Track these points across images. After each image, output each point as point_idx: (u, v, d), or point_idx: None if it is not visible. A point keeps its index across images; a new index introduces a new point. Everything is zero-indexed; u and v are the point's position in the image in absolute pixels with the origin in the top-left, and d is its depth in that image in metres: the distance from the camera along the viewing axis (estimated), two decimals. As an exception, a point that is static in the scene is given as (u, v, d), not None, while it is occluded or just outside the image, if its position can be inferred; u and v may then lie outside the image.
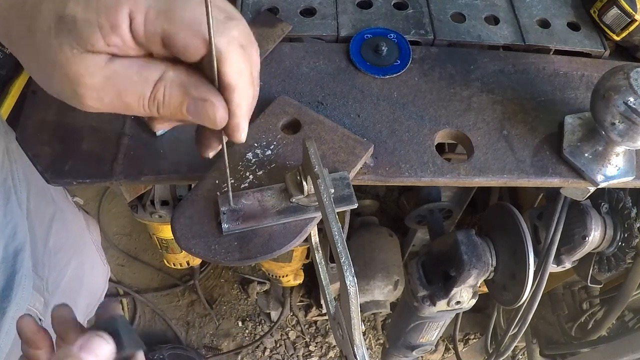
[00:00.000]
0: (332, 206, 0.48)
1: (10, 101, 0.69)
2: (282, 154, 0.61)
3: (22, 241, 0.63)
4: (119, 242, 1.94)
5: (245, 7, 0.77)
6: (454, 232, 0.94)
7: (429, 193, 1.21)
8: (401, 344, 1.21)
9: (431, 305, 0.99)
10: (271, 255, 0.55)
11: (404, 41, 0.75)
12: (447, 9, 0.81)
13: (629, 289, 0.96)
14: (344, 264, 0.44)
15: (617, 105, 0.58)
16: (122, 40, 0.37)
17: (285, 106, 0.65)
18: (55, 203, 0.74)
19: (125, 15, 0.36)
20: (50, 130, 0.65)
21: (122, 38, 0.37)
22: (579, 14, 0.83)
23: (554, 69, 0.76)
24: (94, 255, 0.87)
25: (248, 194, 0.57)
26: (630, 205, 0.87)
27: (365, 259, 1.34)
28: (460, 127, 0.70)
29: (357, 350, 0.52)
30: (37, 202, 0.68)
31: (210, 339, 1.86)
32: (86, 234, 0.85)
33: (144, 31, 0.37)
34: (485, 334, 1.35)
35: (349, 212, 1.07)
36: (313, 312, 1.91)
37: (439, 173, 0.66)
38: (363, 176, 0.64)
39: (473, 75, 0.74)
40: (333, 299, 0.61)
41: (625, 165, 0.68)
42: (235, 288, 1.94)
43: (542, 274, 0.90)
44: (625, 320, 1.15)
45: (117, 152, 0.64)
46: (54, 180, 0.63)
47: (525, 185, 0.69)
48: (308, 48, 0.75)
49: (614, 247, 0.90)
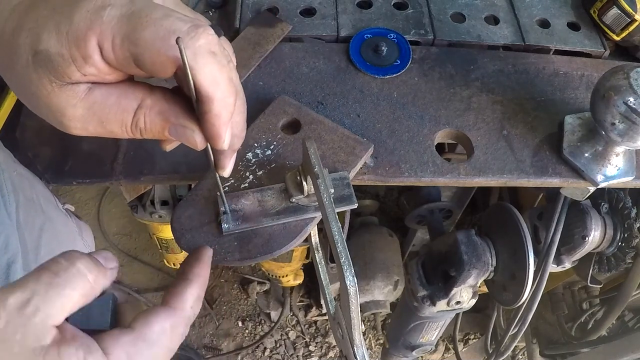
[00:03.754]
0: (332, 206, 0.48)
1: (10, 101, 0.69)
2: (282, 154, 0.61)
3: (14, 253, 0.62)
4: (119, 242, 1.94)
5: (245, 7, 0.77)
6: (454, 232, 0.94)
7: (429, 193, 1.21)
8: (401, 344, 1.21)
9: (431, 305, 0.99)
10: (271, 255, 0.55)
11: (404, 41, 0.75)
12: (447, 9, 0.81)
13: (629, 289, 0.96)
14: (344, 264, 0.44)
15: (617, 105, 0.58)
16: (97, 69, 0.38)
17: (285, 106, 0.65)
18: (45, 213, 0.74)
19: (95, 45, 0.37)
20: (50, 130, 0.65)
21: (96, 67, 0.38)
22: (579, 14, 0.83)
23: (554, 69, 0.76)
24: None
25: (248, 194, 0.57)
26: (630, 205, 0.87)
27: (365, 259, 1.34)
28: (460, 127, 0.70)
29: (357, 350, 0.52)
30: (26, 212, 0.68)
31: (210, 339, 1.86)
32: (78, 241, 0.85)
33: (115, 57, 0.38)
34: (485, 334, 1.35)
35: (349, 212, 1.07)
36: (313, 312, 1.91)
37: (438, 173, 0.66)
38: (363, 176, 0.64)
39: (473, 75, 0.74)
40: (333, 299, 0.61)
41: (625, 165, 0.68)
42: (235, 288, 1.94)
43: (542, 274, 0.90)
44: (625, 320, 1.15)
45: (117, 152, 0.64)
46: (54, 180, 0.63)
47: (525, 185, 0.69)
48: (308, 48, 0.75)
49: (614, 247, 0.90)
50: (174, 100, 0.42)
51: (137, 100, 0.41)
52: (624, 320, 1.15)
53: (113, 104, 0.40)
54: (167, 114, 0.41)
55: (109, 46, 0.37)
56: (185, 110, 0.41)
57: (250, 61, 0.71)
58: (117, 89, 0.40)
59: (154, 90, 0.42)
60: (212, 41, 0.39)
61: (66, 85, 0.38)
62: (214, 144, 0.43)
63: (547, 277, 0.91)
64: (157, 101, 0.41)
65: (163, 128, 0.42)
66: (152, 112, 0.41)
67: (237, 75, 0.42)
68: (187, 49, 0.36)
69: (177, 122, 0.41)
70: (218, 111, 0.40)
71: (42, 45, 0.37)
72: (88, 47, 0.37)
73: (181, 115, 0.41)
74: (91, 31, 0.37)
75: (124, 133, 0.42)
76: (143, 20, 0.37)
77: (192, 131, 0.41)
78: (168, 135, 0.42)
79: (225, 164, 0.47)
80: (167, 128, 0.42)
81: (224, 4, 0.80)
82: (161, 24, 0.37)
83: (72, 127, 0.40)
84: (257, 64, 0.71)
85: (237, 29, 0.75)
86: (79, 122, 0.40)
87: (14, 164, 0.69)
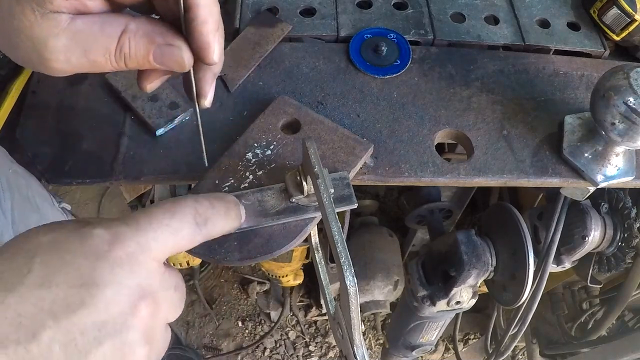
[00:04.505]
0: (332, 206, 0.48)
1: (10, 101, 0.69)
2: (282, 154, 0.61)
3: None
4: (119, 242, 1.94)
5: (245, 7, 0.77)
6: (454, 232, 0.94)
7: (429, 193, 1.21)
8: (401, 344, 1.21)
9: (431, 305, 0.99)
10: (271, 255, 0.55)
11: (404, 41, 0.75)
12: (447, 9, 0.81)
13: (629, 289, 0.96)
14: (344, 264, 0.44)
15: (617, 105, 0.58)
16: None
17: (285, 106, 0.65)
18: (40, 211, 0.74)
19: None
20: (50, 130, 0.65)
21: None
22: (579, 14, 0.83)
23: (553, 69, 0.76)
24: None
25: (248, 194, 0.57)
26: (630, 205, 0.87)
27: (365, 259, 1.35)
28: (460, 127, 0.70)
29: (357, 350, 0.52)
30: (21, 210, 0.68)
31: (210, 339, 1.86)
32: None
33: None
34: (485, 334, 1.35)
35: (349, 212, 1.07)
36: (313, 312, 1.91)
37: (438, 173, 0.66)
38: (363, 176, 0.64)
39: (473, 75, 0.74)
40: (333, 299, 0.61)
41: (625, 165, 0.68)
42: (235, 288, 1.94)
43: (542, 274, 0.90)
44: (625, 320, 1.15)
45: (117, 152, 0.64)
46: (54, 180, 0.63)
47: (525, 185, 0.69)
48: (308, 48, 0.75)
49: (614, 247, 0.90)
50: (158, 24, 0.42)
51: (121, 26, 0.41)
52: (624, 320, 1.15)
53: (97, 31, 0.40)
54: (152, 35, 0.41)
55: None
56: (170, 30, 0.41)
57: (250, 61, 0.71)
58: (100, 17, 0.41)
59: (138, 16, 0.42)
60: None
61: (49, 13, 0.38)
62: (204, 56, 0.42)
63: (547, 277, 0.91)
64: (142, 24, 0.41)
65: (148, 51, 0.41)
66: (137, 35, 0.41)
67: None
68: None
69: (163, 42, 0.41)
70: (205, 17, 0.40)
71: None
72: None
73: (167, 33, 0.41)
74: None
75: (108, 62, 0.41)
76: None
77: (178, 49, 0.41)
78: (152, 60, 0.42)
79: (207, 91, 0.46)
80: (152, 51, 0.41)
81: (224, 3, 0.80)
82: None
83: (54, 59, 0.40)
84: (257, 64, 0.71)
85: (237, 29, 0.75)
86: (62, 54, 0.40)
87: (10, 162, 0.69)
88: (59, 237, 0.35)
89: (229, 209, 0.45)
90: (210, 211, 0.42)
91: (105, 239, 0.35)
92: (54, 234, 0.35)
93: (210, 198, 0.43)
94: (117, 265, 0.34)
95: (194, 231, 0.40)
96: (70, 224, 0.36)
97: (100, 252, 0.34)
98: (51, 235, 0.35)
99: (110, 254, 0.34)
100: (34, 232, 0.36)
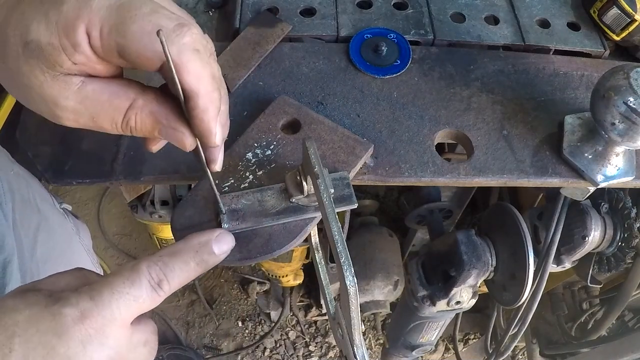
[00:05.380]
0: (332, 206, 0.48)
1: (10, 101, 0.69)
2: (282, 154, 0.61)
3: (9, 253, 0.63)
4: (119, 242, 1.94)
5: (245, 7, 0.77)
6: (454, 232, 0.94)
7: (429, 193, 1.21)
8: (401, 344, 1.21)
9: (431, 305, 0.99)
10: (271, 255, 0.55)
11: (404, 41, 0.75)
12: (447, 9, 0.81)
13: (629, 289, 0.96)
14: (344, 264, 0.44)
15: (617, 105, 0.58)
16: (86, 56, 0.39)
17: (285, 106, 0.65)
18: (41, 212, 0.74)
19: (83, 32, 0.37)
20: (50, 130, 0.65)
21: (85, 55, 0.38)
22: (579, 14, 0.83)
23: (553, 69, 0.76)
24: (85, 261, 0.86)
25: (248, 194, 0.57)
26: (630, 205, 0.87)
27: (365, 259, 1.34)
28: (460, 127, 0.70)
29: (357, 350, 0.52)
30: (22, 212, 0.68)
31: (210, 339, 1.86)
32: (75, 240, 0.85)
33: (101, 46, 0.38)
34: (485, 334, 1.35)
35: (349, 212, 1.07)
36: (313, 312, 1.91)
37: (438, 173, 0.66)
38: (363, 176, 0.64)
39: (473, 75, 0.74)
40: (333, 299, 0.61)
41: (625, 165, 0.68)
42: (235, 288, 1.94)
43: (542, 274, 0.90)
44: (625, 320, 1.15)
45: (117, 152, 0.64)
46: (54, 180, 0.62)
47: (525, 185, 0.69)
48: (308, 48, 0.75)
49: (614, 247, 0.90)
50: (165, 102, 0.42)
51: (129, 100, 0.41)
52: (624, 320, 1.15)
53: (105, 101, 0.41)
54: (157, 115, 0.42)
55: (96, 34, 0.38)
56: (175, 112, 0.42)
57: (250, 61, 0.71)
58: (109, 86, 0.41)
59: (147, 90, 0.42)
60: (197, 39, 0.40)
61: (59, 76, 0.39)
62: (206, 140, 0.43)
63: (547, 277, 0.91)
64: (149, 102, 0.42)
65: (153, 128, 0.42)
66: (143, 112, 0.42)
67: (219, 69, 0.43)
68: (172, 46, 0.37)
69: (168, 125, 0.42)
70: (205, 106, 0.41)
71: (31, 35, 0.38)
72: (77, 35, 0.37)
73: (172, 117, 0.42)
74: (80, 19, 0.37)
75: (114, 130, 0.42)
76: (132, 13, 0.37)
77: (182, 133, 0.42)
78: (158, 135, 0.43)
79: (216, 157, 0.47)
80: (158, 128, 0.42)
81: (224, 3, 0.80)
82: (149, 19, 0.37)
83: (64, 117, 0.41)
84: (257, 64, 0.71)
85: (237, 29, 0.75)
86: (71, 114, 0.41)
87: (11, 164, 0.69)
88: (32, 317, 0.38)
89: (187, 261, 0.45)
90: (163, 271, 0.43)
91: (75, 317, 0.38)
92: (28, 312, 0.38)
93: (164, 257, 0.44)
94: (87, 342, 0.38)
95: (151, 293, 0.42)
96: (42, 299, 0.39)
97: (71, 331, 0.38)
98: (26, 312, 0.38)
99: (80, 332, 0.38)
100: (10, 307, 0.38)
